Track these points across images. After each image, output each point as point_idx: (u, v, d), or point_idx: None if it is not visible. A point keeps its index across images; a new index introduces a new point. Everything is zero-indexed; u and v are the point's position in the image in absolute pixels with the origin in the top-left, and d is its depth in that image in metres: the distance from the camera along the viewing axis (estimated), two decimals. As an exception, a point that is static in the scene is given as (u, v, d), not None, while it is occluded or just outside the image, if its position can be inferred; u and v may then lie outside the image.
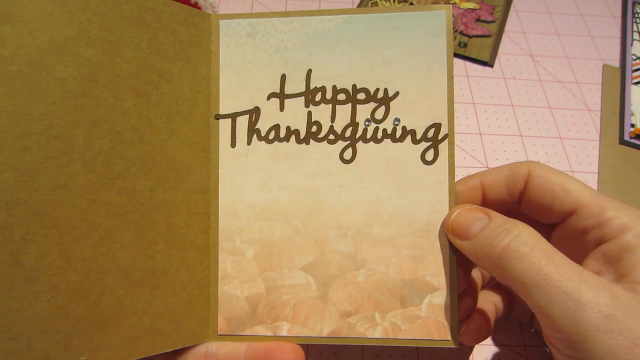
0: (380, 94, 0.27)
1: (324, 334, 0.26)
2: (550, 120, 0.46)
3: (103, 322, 0.22)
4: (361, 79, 0.27)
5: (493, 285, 0.31)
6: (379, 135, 0.27)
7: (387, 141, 0.26)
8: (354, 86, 0.27)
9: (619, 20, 0.55)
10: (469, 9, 0.54)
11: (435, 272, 0.26)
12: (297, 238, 0.26)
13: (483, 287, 0.31)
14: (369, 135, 0.27)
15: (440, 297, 0.26)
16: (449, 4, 0.54)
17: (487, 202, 0.27)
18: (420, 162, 0.26)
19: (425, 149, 0.26)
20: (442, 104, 0.26)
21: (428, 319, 0.26)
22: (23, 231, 0.20)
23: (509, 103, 0.47)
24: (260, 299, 0.26)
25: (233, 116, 0.27)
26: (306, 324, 0.26)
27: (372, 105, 0.27)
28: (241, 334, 0.26)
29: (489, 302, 0.30)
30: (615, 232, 0.23)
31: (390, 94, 0.27)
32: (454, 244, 0.25)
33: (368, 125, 0.27)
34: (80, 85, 0.23)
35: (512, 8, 0.56)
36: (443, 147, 0.26)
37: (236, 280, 0.26)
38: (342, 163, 0.27)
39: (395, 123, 0.26)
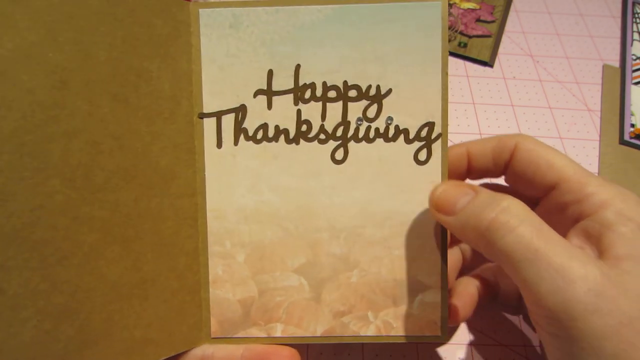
0: (373, 91, 0.25)
1: (318, 334, 0.26)
2: (550, 120, 0.45)
3: (94, 340, 0.22)
4: (352, 75, 0.25)
5: (475, 273, 0.31)
6: (371, 134, 0.25)
7: (380, 141, 0.25)
8: (345, 83, 0.25)
9: (619, 20, 0.53)
10: (469, 9, 0.52)
11: (426, 272, 0.26)
12: (289, 240, 0.26)
13: (464, 270, 0.31)
14: (360, 135, 0.25)
15: (431, 295, 0.26)
16: (449, 4, 0.52)
17: (472, 170, 0.27)
18: (413, 162, 0.25)
19: (419, 148, 0.25)
20: (436, 102, 0.25)
21: (419, 317, 0.26)
22: (2, 258, 0.19)
23: (509, 103, 0.46)
24: (253, 302, 0.26)
25: (218, 115, 0.26)
26: (300, 325, 0.26)
27: (364, 103, 0.25)
28: (235, 336, 0.26)
29: (472, 286, 0.30)
30: (594, 208, 0.22)
31: (383, 91, 0.25)
32: (438, 220, 0.24)
33: (360, 124, 0.25)
34: (51, 95, 0.21)
35: (512, 8, 0.54)
36: (436, 146, 0.25)
37: (228, 284, 0.26)
38: (333, 164, 0.25)
39: (388, 122, 0.25)
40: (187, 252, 0.25)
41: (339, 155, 0.25)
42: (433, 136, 0.25)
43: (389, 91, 0.25)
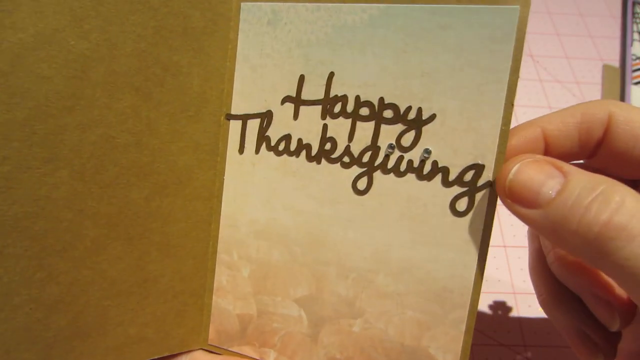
0: (412, 115, 0.19)
1: None
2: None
3: (86, 332, 0.21)
4: (391, 92, 0.19)
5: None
6: (403, 166, 0.19)
7: (411, 176, 0.19)
8: (381, 100, 0.20)
9: (619, 20, 0.51)
10: None
11: (442, 347, 0.20)
12: (294, 266, 0.22)
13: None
14: (390, 165, 0.20)
15: None
16: None
17: (550, 156, 0.19)
18: (449, 211, 0.19)
19: (458, 195, 0.19)
20: (490, 139, 0.18)
21: None
22: (0, 245, 0.19)
23: (508, 103, 0.42)
24: (251, 320, 0.23)
25: (244, 118, 0.22)
26: (293, 358, 0.22)
27: (400, 127, 0.19)
28: (229, 349, 0.23)
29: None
30: None
31: (425, 115, 0.19)
32: (514, 214, 0.17)
33: (391, 153, 0.20)
34: (69, 85, 0.20)
35: (512, 8, 0.48)
36: (482, 197, 0.18)
37: (230, 295, 0.23)
38: (354, 193, 0.20)
39: (425, 155, 0.19)
40: (195, 256, 0.23)
41: (362, 184, 0.20)
42: (479, 183, 0.18)
43: (432, 117, 0.19)
